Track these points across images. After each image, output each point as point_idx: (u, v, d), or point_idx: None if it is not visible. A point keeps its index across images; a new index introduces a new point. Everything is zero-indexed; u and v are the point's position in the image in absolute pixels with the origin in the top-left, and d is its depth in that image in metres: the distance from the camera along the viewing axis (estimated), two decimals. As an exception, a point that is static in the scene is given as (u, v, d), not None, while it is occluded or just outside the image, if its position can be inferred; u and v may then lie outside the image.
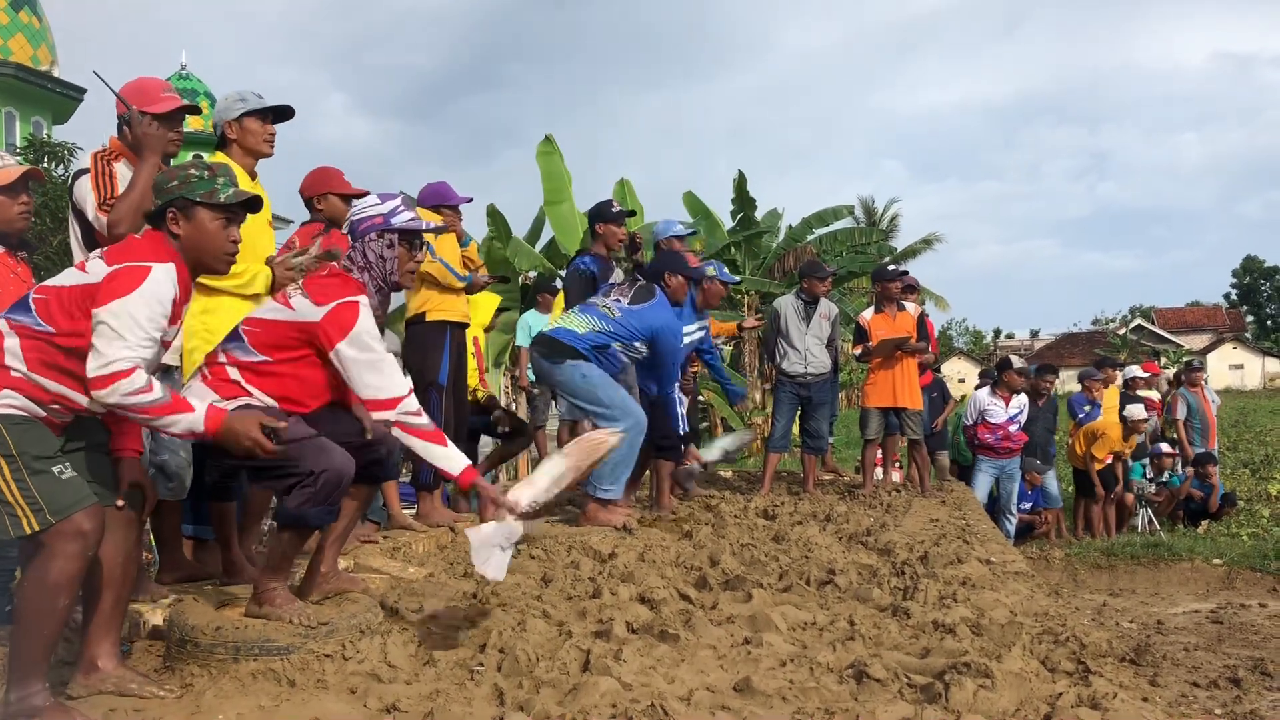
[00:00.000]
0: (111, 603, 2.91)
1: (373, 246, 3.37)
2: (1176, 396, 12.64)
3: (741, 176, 20.03)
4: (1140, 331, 62.36)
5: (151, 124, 3.68)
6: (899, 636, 3.45)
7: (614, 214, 6.44)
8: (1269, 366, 59.03)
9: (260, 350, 3.19)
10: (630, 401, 5.62)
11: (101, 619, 2.90)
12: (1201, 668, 6.06)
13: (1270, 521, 11.74)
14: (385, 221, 3.38)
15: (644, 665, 2.96)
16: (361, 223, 3.40)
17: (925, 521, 6.42)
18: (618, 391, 5.59)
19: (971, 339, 76.62)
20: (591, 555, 4.68)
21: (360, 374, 3.12)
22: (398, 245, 3.39)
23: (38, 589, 2.62)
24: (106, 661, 2.89)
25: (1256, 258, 78.64)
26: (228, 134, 4.14)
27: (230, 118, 4.13)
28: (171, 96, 3.82)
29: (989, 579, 4.40)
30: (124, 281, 2.67)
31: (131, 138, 3.71)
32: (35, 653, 2.64)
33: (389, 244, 3.38)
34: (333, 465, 3.04)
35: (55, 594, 2.61)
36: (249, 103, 4.14)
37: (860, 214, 37.22)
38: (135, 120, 3.68)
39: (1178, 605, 8.41)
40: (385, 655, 3.02)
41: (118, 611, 2.97)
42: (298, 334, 3.18)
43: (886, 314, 8.09)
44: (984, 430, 10.22)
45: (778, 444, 8.23)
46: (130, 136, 3.72)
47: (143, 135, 3.67)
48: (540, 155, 14.92)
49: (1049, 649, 3.25)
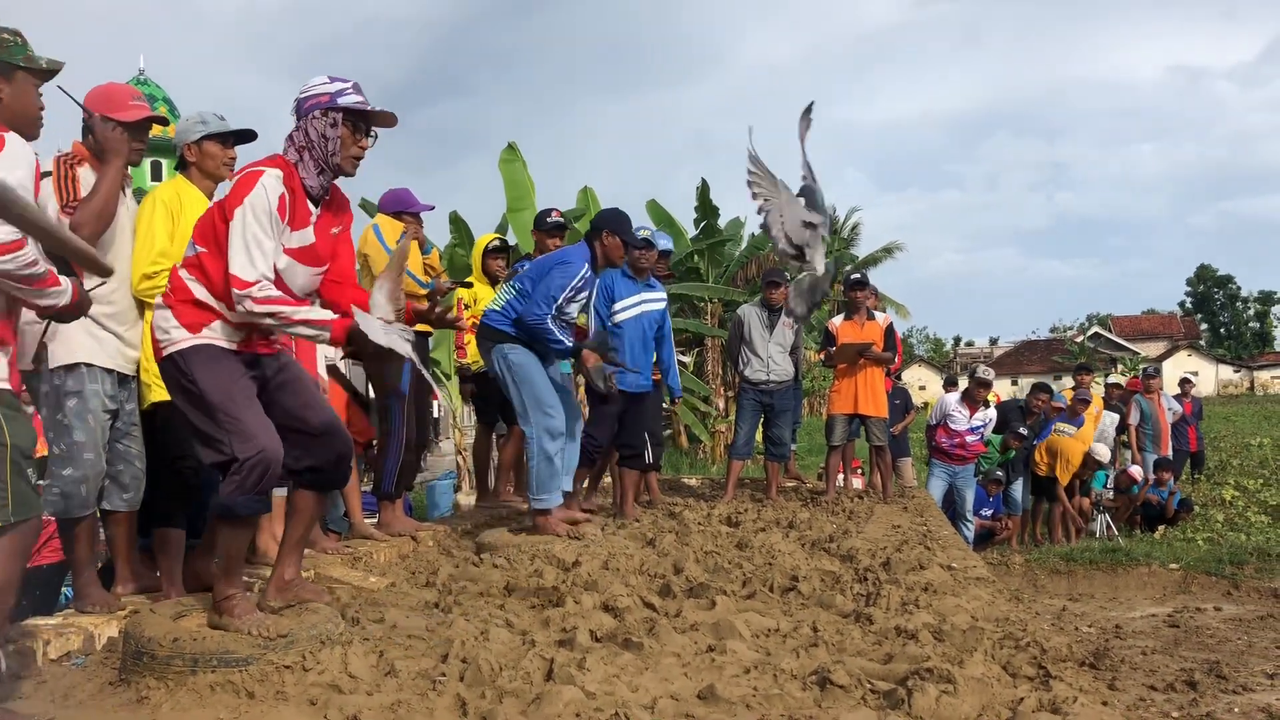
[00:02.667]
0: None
1: (315, 125, 3.22)
2: (1131, 403, 12.87)
3: (704, 185, 20.10)
4: (1097, 339, 63.29)
5: (116, 129, 3.62)
6: (862, 643, 3.46)
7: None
8: (1222, 374, 60.12)
9: (198, 241, 3.15)
10: (545, 404, 5.28)
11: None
12: (1159, 671, 6.13)
13: (1225, 526, 11.94)
14: (331, 100, 3.23)
15: (608, 674, 2.95)
16: (306, 100, 3.26)
17: (887, 528, 6.45)
18: (534, 388, 5.27)
19: (932, 346, 77.40)
20: (555, 563, 4.65)
21: (232, 246, 3.04)
22: (341, 125, 3.23)
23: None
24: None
25: (1210, 267, 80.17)
26: (186, 156, 4.07)
27: (190, 139, 4.05)
28: (140, 105, 3.75)
29: (951, 585, 4.43)
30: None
31: (95, 142, 3.66)
32: None
33: (332, 123, 3.22)
34: (261, 450, 3.00)
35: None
36: (209, 125, 4.05)
37: (822, 223, 37.36)
38: (98, 125, 3.63)
39: (1135, 610, 8.51)
40: (346, 666, 2.98)
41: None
42: (218, 215, 3.13)
43: (855, 322, 8.15)
44: (942, 433, 10.29)
45: (741, 451, 8.25)
46: (94, 141, 3.67)
47: (106, 140, 3.62)
48: (503, 163, 14.86)
49: (1010, 654, 3.27)
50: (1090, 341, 61.36)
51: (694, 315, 19.84)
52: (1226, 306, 79.15)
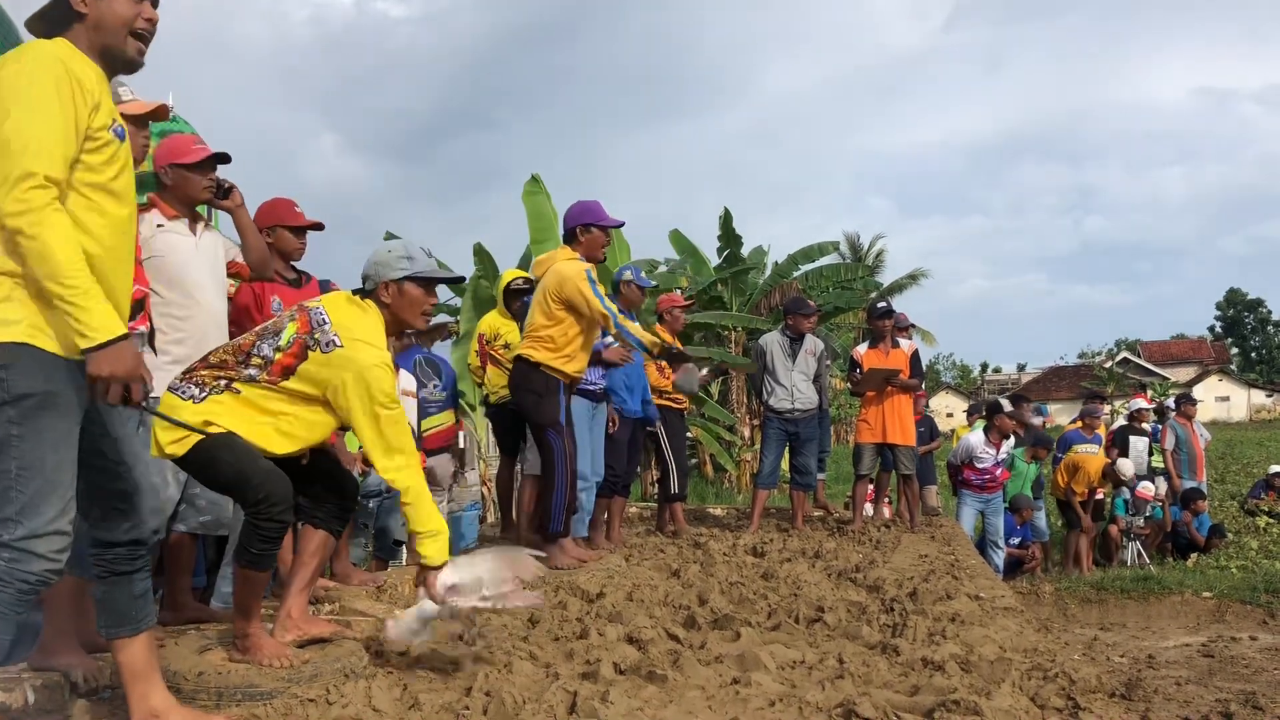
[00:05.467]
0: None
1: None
2: (1166, 428, 12.72)
3: (727, 214, 20.12)
4: (1126, 365, 62.66)
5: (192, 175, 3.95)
6: (888, 674, 3.42)
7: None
8: (1254, 398, 59.35)
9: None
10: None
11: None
12: (1193, 702, 6.02)
13: (1259, 554, 11.75)
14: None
15: (631, 707, 2.93)
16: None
17: (914, 557, 6.41)
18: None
19: (959, 373, 76.89)
20: (579, 595, 4.64)
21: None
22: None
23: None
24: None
25: (1240, 290, 79.44)
26: (381, 296, 3.34)
27: (389, 277, 3.32)
28: (202, 148, 4.01)
29: (978, 615, 4.38)
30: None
31: (169, 191, 3.95)
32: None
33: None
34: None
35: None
36: (416, 263, 3.35)
37: (846, 250, 37.43)
38: (170, 175, 3.93)
39: (1168, 639, 8.38)
40: (370, 699, 2.98)
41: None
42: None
43: (880, 350, 8.15)
44: (969, 470, 10.23)
45: (766, 480, 8.23)
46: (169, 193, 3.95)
47: (179, 186, 3.93)
48: (526, 195, 14.94)
49: (1039, 685, 3.23)
50: (1119, 367, 60.77)
51: (717, 344, 19.82)
52: (1258, 330, 78.40)
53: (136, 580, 2.66)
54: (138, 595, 2.66)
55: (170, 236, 3.89)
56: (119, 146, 2.49)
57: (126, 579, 2.64)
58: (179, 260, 3.89)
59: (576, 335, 5.38)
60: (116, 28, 2.47)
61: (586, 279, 5.26)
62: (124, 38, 2.49)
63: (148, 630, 2.70)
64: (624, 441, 6.43)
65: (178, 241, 3.91)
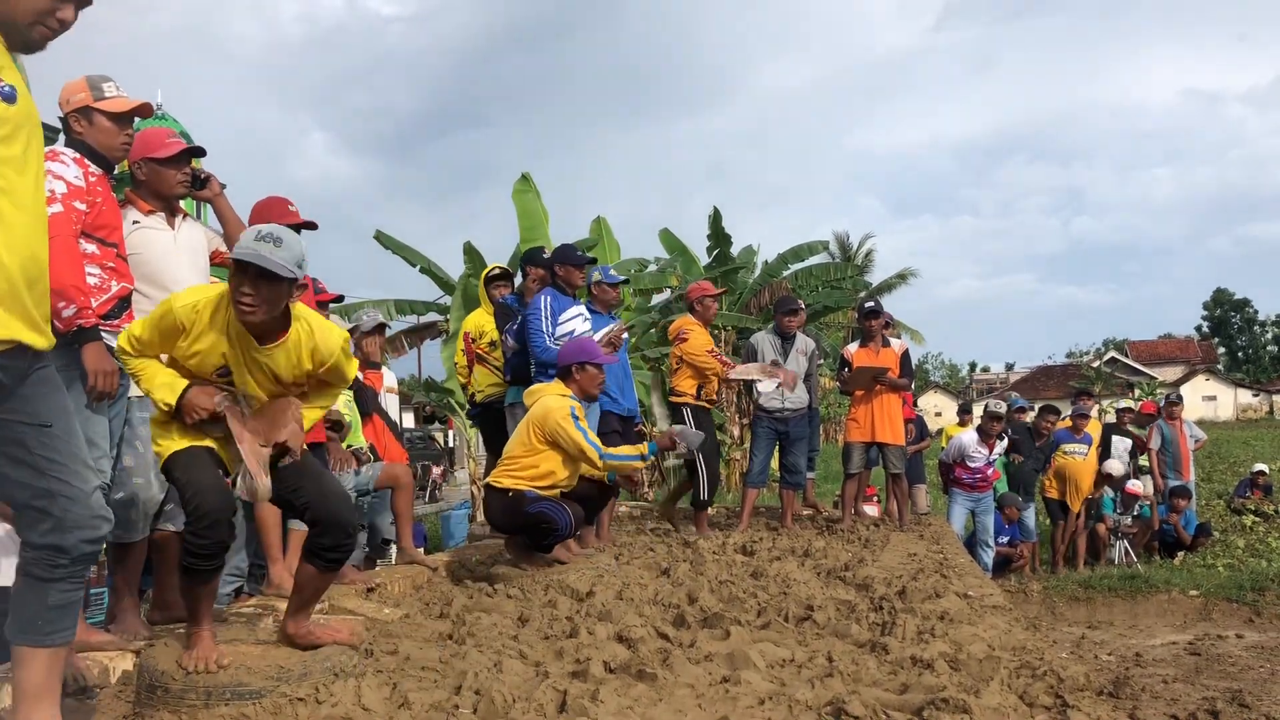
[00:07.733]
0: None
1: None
2: (1152, 428, 12.78)
3: (717, 213, 20.16)
4: (1114, 364, 62.92)
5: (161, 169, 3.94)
6: (877, 673, 3.43)
7: (577, 257, 6.41)
8: (1241, 398, 59.64)
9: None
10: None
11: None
12: (1180, 700, 6.04)
13: (1245, 552, 11.81)
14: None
15: (621, 705, 2.93)
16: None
17: (903, 556, 6.41)
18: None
19: (947, 373, 77.10)
20: (569, 594, 4.64)
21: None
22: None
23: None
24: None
25: (1227, 290, 79.79)
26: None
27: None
28: (175, 142, 4.02)
29: (967, 613, 4.39)
30: None
31: (143, 185, 3.96)
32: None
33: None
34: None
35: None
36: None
37: (835, 250, 37.55)
38: (143, 169, 3.93)
39: (1156, 637, 8.42)
40: (360, 698, 2.97)
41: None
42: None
43: (870, 349, 8.15)
44: (961, 470, 10.27)
45: (756, 479, 8.23)
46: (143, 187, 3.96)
47: (152, 180, 3.93)
48: (516, 194, 14.92)
49: (1027, 683, 3.24)
50: (1107, 366, 61.03)
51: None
52: (1244, 330, 78.75)
53: (53, 590, 2.42)
54: (52, 606, 2.42)
55: (146, 233, 3.91)
56: (4, 108, 2.28)
57: (42, 585, 2.41)
58: (155, 255, 3.90)
59: (559, 464, 5.48)
60: (26, 10, 2.33)
61: (570, 417, 5.41)
62: (30, 22, 2.35)
63: (57, 648, 2.46)
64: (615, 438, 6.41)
65: (154, 237, 3.92)
